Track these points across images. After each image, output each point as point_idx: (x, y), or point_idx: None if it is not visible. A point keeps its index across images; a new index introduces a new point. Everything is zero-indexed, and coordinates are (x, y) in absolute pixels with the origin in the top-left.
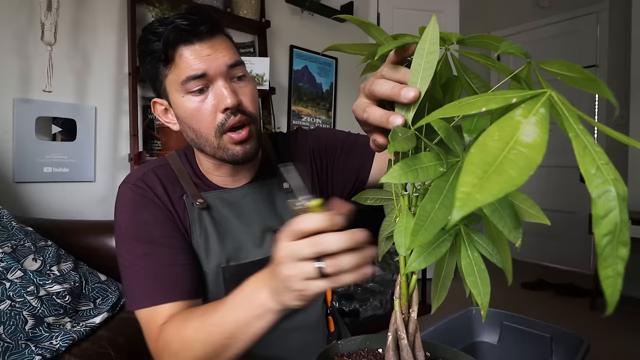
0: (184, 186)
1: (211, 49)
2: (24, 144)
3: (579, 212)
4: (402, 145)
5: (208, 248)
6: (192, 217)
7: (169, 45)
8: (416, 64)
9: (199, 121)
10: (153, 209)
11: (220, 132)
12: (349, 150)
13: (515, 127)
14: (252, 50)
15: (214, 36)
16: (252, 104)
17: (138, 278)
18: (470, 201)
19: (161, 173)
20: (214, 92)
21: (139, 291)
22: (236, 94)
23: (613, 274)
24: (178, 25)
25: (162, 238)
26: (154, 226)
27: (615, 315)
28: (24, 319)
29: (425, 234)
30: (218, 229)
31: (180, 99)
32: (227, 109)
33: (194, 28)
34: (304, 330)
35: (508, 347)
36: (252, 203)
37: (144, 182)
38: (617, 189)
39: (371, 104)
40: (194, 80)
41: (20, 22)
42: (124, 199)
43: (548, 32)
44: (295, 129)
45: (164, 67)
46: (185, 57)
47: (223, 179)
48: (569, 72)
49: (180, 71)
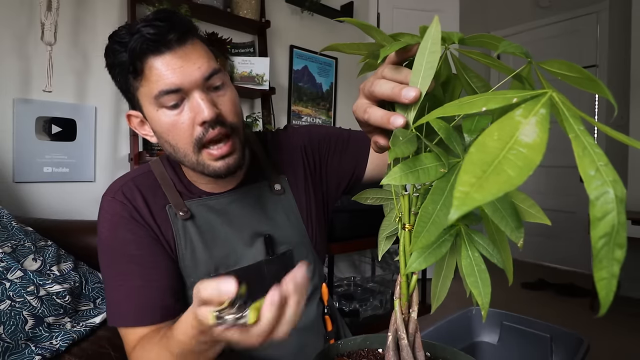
0: (167, 195)
1: (183, 59)
2: (24, 144)
3: (579, 212)
4: (403, 151)
5: (195, 258)
6: (176, 229)
7: (136, 57)
8: (418, 63)
9: (176, 136)
10: (131, 225)
11: (199, 146)
12: (342, 146)
13: (515, 127)
14: (252, 50)
15: (185, 43)
16: (232, 113)
17: (113, 296)
18: (469, 200)
19: (142, 183)
20: (190, 104)
21: (113, 309)
22: (214, 105)
23: (608, 276)
24: (144, 35)
25: (139, 257)
26: (132, 245)
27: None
28: (24, 319)
29: (428, 236)
30: (204, 238)
31: (154, 112)
32: (205, 122)
33: (162, 37)
34: (301, 330)
35: (508, 347)
36: (240, 208)
37: (124, 195)
38: (616, 191)
39: (372, 105)
40: (168, 95)
41: (20, 22)
42: (104, 214)
43: (548, 32)
44: (284, 126)
45: (133, 79)
46: (156, 68)
47: (208, 185)
48: (569, 72)
49: (151, 85)
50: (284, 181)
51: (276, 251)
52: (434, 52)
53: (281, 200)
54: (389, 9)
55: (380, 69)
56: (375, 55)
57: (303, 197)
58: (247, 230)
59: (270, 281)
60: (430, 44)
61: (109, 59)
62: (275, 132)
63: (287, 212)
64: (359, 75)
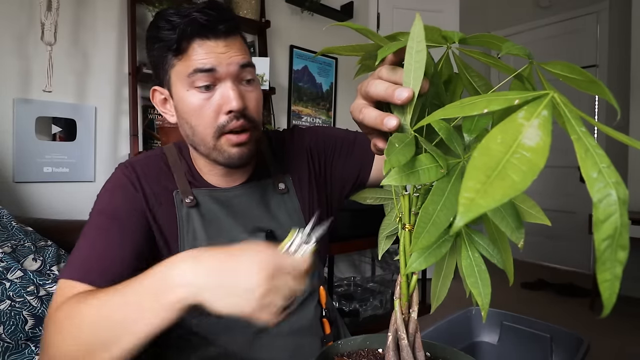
0: (176, 181)
1: (226, 47)
2: (24, 144)
3: (579, 212)
4: (399, 159)
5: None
6: (180, 215)
7: (184, 37)
8: (407, 64)
9: (199, 118)
10: (130, 194)
11: (219, 133)
12: (348, 149)
13: (517, 130)
14: (252, 50)
15: (230, 35)
16: (256, 110)
17: (82, 249)
18: (474, 207)
19: (155, 163)
20: (220, 91)
21: (76, 261)
22: (243, 98)
23: (611, 277)
24: (197, 19)
25: (125, 220)
26: (123, 209)
27: (615, 315)
28: (24, 319)
29: (428, 236)
30: (206, 227)
31: (184, 92)
32: (232, 112)
33: (213, 25)
34: (298, 333)
35: (508, 347)
36: (245, 203)
37: (133, 169)
38: (618, 193)
39: (367, 105)
40: (202, 74)
41: (20, 22)
42: (111, 179)
43: (548, 32)
44: (291, 126)
45: (173, 56)
46: (198, 50)
47: (217, 178)
48: (571, 74)
49: (189, 63)
50: (288, 181)
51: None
52: (419, 51)
53: (284, 199)
54: (389, 9)
55: (378, 69)
56: (372, 56)
57: (307, 197)
58: (249, 224)
59: None
60: (415, 44)
61: (152, 32)
62: (281, 132)
63: (289, 211)
64: (355, 76)
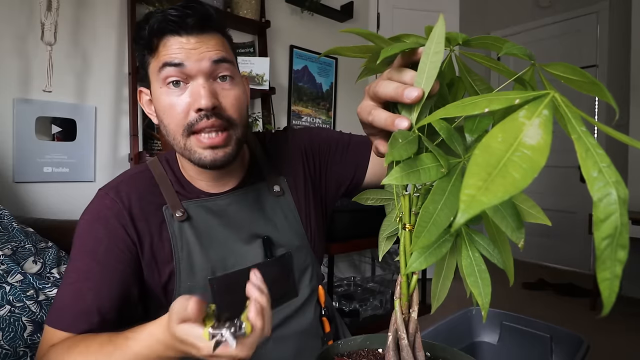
0: (164, 195)
1: (198, 43)
2: (24, 144)
3: (579, 212)
4: (401, 154)
5: (192, 261)
6: (172, 231)
7: (154, 34)
8: (422, 63)
9: (170, 117)
10: (111, 225)
11: (188, 132)
12: (343, 150)
13: (518, 128)
14: (252, 50)
15: (205, 32)
16: (233, 108)
17: (63, 293)
18: (475, 204)
19: (139, 181)
20: (190, 89)
21: (57, 309)
22: (215, 95)
23: (611, 276)
24: (167, 15)
25: (103, 258)
26: (102, 244)
27: (615, 315)
28: (23, 326)
29: (428, 236)
30: (201, 240)
31: (157, 90)
32: (201, 110)
33: (182, 20)
34: (299, 334)
35: (508, 347)
36: (238, 210)
37: (117, 193)
38: (619, 192)
39: (377, 107)
40: (170, 68)
41: (20, 22)
42: (90, 207)
43: (548, 32)
44: (284, 127)
45: (148, 54)
46: (168, 45)
47: (206, 183)
48: (572, 76)
49: (160, 58)
50: (283, 183)
51: (274, 253)
52: (437, 52)
53: (280, 201)
54: (389, 9)
55: (387, 70)
56: (376, 59)
57: (302, 199)
58: (245, 231)
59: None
60: (434, 44)
61: (135, 33)
62: (275, 133)
63: (285, 213)
64: (358, 79)
